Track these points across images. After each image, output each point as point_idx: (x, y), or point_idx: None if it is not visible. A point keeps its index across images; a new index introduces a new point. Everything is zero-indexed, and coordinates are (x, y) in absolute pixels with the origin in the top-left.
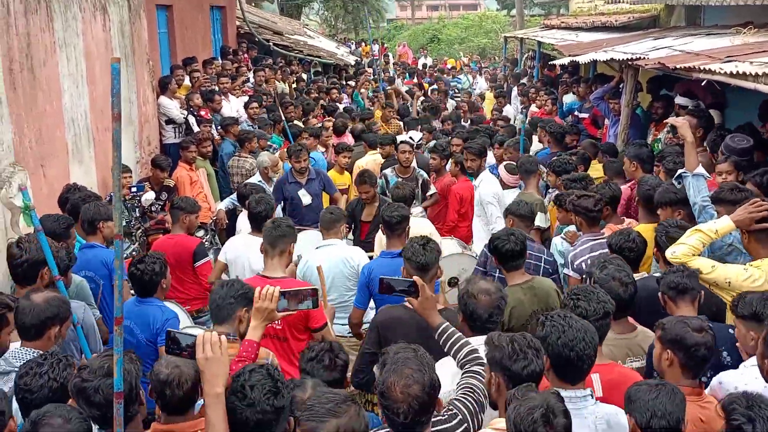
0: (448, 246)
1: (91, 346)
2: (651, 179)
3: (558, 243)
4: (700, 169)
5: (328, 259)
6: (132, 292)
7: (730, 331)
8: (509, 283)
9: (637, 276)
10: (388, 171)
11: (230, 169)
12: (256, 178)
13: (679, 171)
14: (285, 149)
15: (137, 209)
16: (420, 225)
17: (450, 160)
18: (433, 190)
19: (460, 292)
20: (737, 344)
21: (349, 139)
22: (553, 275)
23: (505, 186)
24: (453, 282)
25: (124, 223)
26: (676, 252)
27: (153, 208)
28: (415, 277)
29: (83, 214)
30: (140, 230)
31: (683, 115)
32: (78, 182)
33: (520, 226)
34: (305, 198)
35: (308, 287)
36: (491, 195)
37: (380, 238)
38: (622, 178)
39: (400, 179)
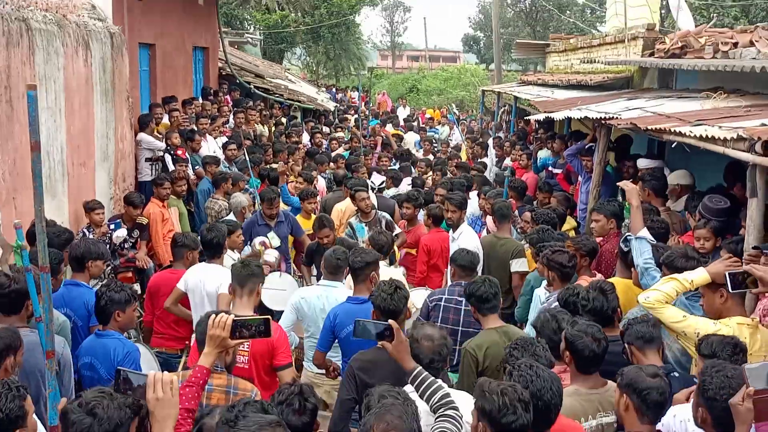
0: (421, 296)
1: (65, 383)
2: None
3: (541, 294)
4: (644, 233)
5: (328, 300)
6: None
7: (695, 380)
8: (484, 326)
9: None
10: (353, 219)
11: (205, 210)
12: (231, 218)
13: (625, 234)
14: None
15: (108, 246)
16: (391, 274)
17: (422, 209)
18: (398, 230)
19: (410, 334)
20: None
21: (320, 184)
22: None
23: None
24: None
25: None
26: (649, 297)
27: (124, 246)
28: (390, 321)
29: (73, 250)
30: (110, 267)
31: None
32: (50, 216)
33: (461, 276)
34: (274, 240)
35: (261, 317)
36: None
37: (348, 283)
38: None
39: (363, 223)
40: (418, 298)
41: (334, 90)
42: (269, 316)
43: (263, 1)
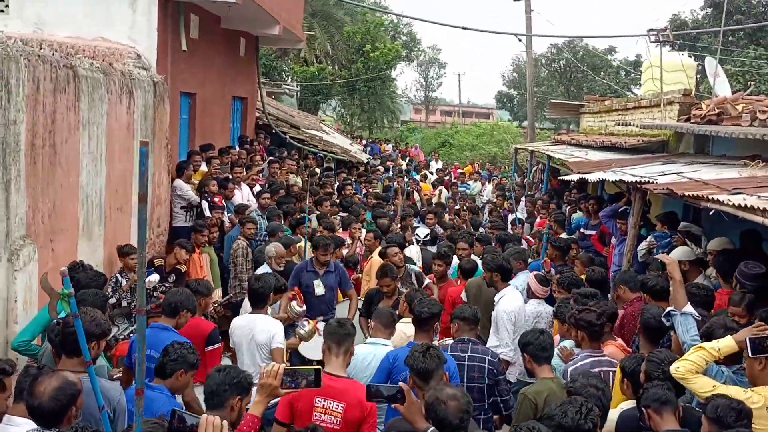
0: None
1: (118, 430)
2: (653, 309)
3: (556, 349)
4: (689, 308)
5: (378, 358)
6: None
7: None
8: (539, 375)
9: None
10: None
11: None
12: (264, 268)
13: (668, 309)
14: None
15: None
16: (408, 327)
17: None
18: (426, 281)
19: (428, 399)
20: None
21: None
22: (479, 378)
23: (532, 296)
24: None
25: (125, 304)
26: (679, 368)
27: (155, 291)
28: (401, 384)
29: (170, 296)
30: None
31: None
32: (85, 259)
33: (464, 330)
34: (318, 288)
35: (312, 367)
36: (509, 316)
37: (399, 331)
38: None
39: None
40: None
41: (377, 144)
42: (320, 367)
43: (302, 53)
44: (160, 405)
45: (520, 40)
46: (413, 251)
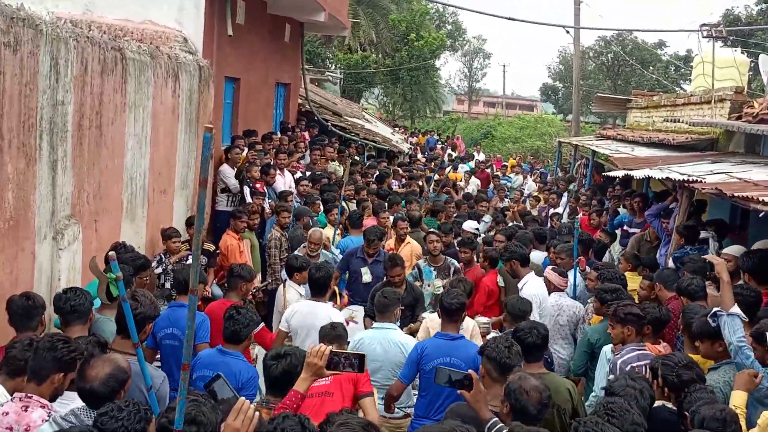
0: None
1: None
2: (695, 308)
3: (608, 350)
4: (736, 309)
5: (384, 341)
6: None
7: None
8: (526, 371)
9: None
10: (420, 261)
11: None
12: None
13: (714, 309)
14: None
15: None
16: (432, 323)
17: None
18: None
19: (511, 386)
20: None
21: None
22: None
23: (554, 288)
24: None
25: (168, 286)
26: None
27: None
28: (470, 371)
29: (179, 274)
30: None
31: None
32: (128, 240)
33: (512, 323)
34: (366, 276)
35: (357, 352)
36: (534, 299)
37: (426, 325)
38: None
39: (432, 267)
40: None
41: (435, 136)
42: (364, 354)
43: (346, 41)
44: (240, 371)
45: (567, 32)
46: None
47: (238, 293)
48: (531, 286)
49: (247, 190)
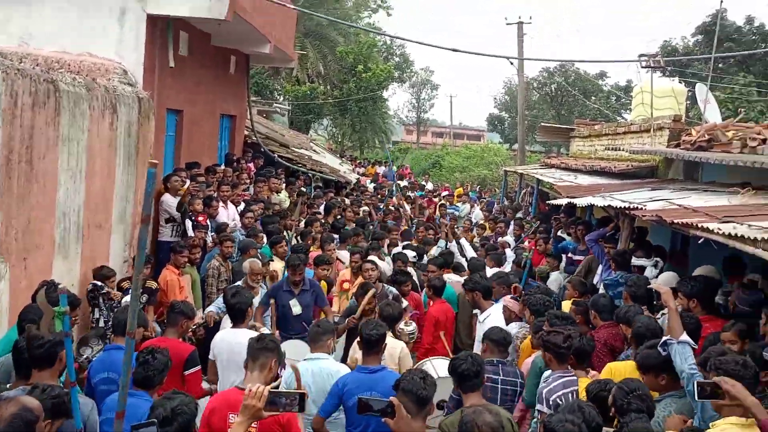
0: (443, 367)
1: None
2: (645, 319)
3: (547, 375)
4: (685, 336)
5: (317, 372)
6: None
7: None
8: (465, 403)
9: None
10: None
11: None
12: (239, 283)
13: (664, 338)
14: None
15: (116, 310)
16: (394, 344)
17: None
18: (405, 303)
19: (465, 419)
20: None
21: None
22: (511, 400)
23: (514, 317)
24: (441, 405)
25: (102, 324)
26: None
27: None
28: (392, 398)
29: (119, 315)
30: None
31: None
32: (60, 277)
33: (494, 352)
34: (295, 308)
35: (298, 391)
36: None
37: (353, 356)
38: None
39: None
40: (441, 368)
41: (391, 168)
42: (305, 392)
43: (294, 72)
44: (143, 410)
45: (512, 63)
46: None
47: (178, 330)
48: (494, 320)
49: (189, 223)
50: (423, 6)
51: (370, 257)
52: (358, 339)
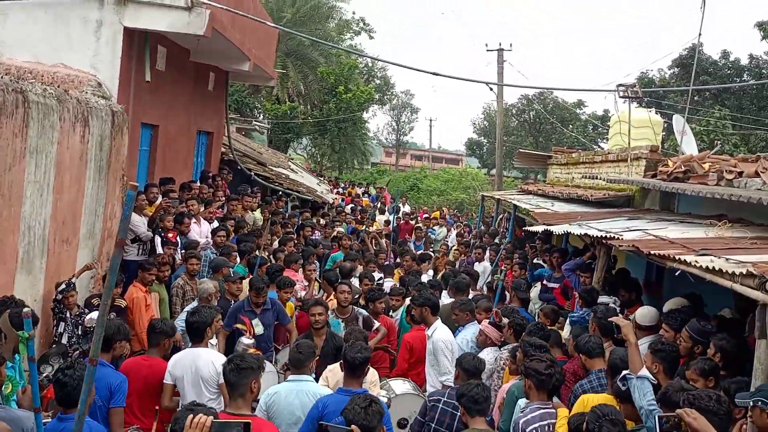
0: (403, 387)
1: None
2: (621, 351)
3: (521, 403)
4: (645, 371)
5: (301, 394)
6: None
7: None
8: (470, 425)
9: None
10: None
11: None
12: (193, 305)
13: (624, 372)
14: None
15: (79, 327)
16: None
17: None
18: (377, 325)
19: None
20: None
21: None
22: None
23: (490, 343)
24: (402, 423)
25: (65, 340)
26: None
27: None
28: (353, 426)
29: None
30: (78, 351)
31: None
32: (23, 293)
33: (465, 380)
34: (258, 328)
35: (241, 420)
36: (446, 345)
37: (326, 374)
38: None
39: (340, 319)
40: (401, 388)
41: (381, 192)
42: (250, 421)
43: (274, 91)
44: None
45: (491, 89)
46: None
47: (160, 350)
48: (441, 332)
49: (158, 240)
50: (405, 30)
51: (343, 280)
52: (341, 362)
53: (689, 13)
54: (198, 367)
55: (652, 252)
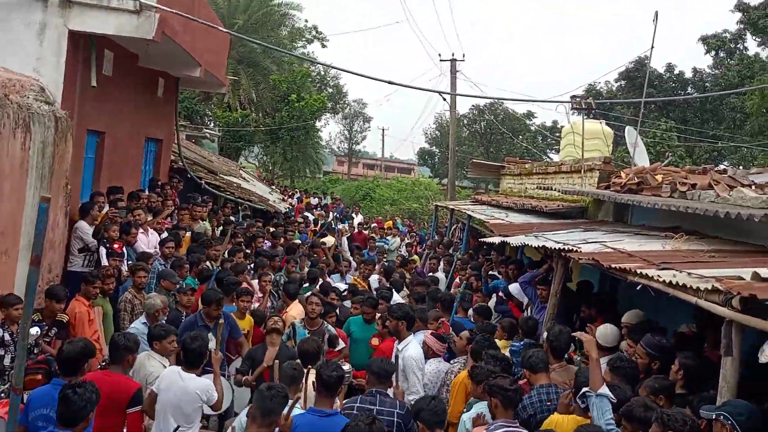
0: None
1: None
2: (587, 370)
3: (466, 420)
4: (605, 389)
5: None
6: None
7: None
8: None
9: None
10: (297, 321)
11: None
12: (140, 321)
13: (583, 389)
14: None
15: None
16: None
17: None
18: (341, 345)
19: None
20: None
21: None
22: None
23: (432, 354)
24: None
25: (8, 360)
26: None
27: (36, 345)
28: None
29: (68, 352)
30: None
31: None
32: None
33: (374, 383)
34: (212, 342)
35: None
36: (418, 363)
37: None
38: None
39: (307, 331)
40: None
41: (341, 205)
42: None
43: (225, 98)
44: None
45: (444, 99)
46: None
47: (123, 366)
48: (413, 349)
49: (103, 251)
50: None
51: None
52: (314, 379)
53: (635, 28)
54: (179, 395)
55: (612, 266)
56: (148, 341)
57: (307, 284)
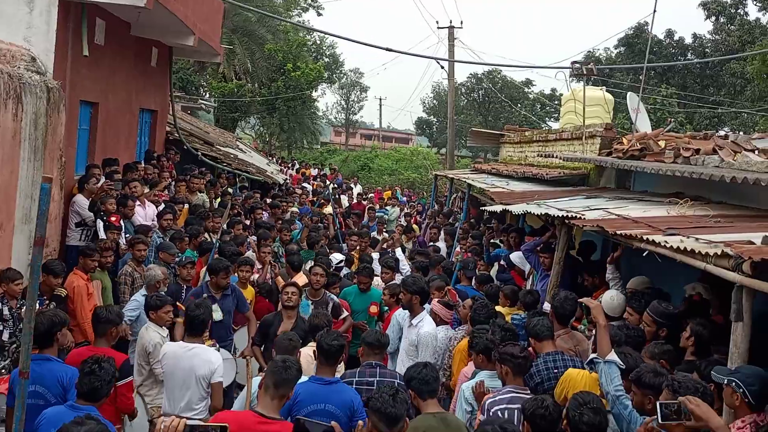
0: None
1: None
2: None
3: (465, 389)
4: (613, 356)
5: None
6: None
7: None
8: (423, 410)
9: None
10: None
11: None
12: (141, 293)
13: (591, 356)
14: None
15: (18, 321)
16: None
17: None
18: (344, 314)
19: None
20: None
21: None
22: None
23: (439, 321)
24: None
25: (6, 335)
26: None
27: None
28: (333, 423)
29: (37, 326)
30: (16, 345)
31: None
32: None
33: (370, 355)
34: (216, 314)
35: (218, 424)
36: (432, 339)
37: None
38: None
39: (310, 300)
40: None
41: (339, 177)
42: (227, 425)
43: (220, 68)
44: (59, 372)
45: (442, 67)
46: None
47: (107, 339)
48: (428, 324)
49: (100, 224)
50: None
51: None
52: (314, 348)
53: None
54: (194, 364)
55: (617, 232)
56: (145, 311)
57: (306, 249)
